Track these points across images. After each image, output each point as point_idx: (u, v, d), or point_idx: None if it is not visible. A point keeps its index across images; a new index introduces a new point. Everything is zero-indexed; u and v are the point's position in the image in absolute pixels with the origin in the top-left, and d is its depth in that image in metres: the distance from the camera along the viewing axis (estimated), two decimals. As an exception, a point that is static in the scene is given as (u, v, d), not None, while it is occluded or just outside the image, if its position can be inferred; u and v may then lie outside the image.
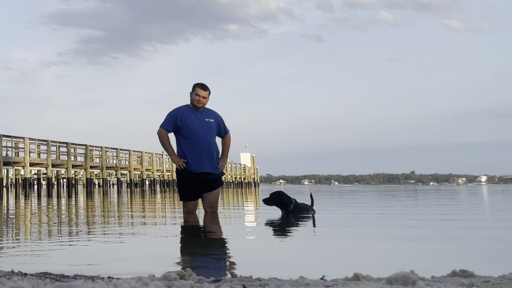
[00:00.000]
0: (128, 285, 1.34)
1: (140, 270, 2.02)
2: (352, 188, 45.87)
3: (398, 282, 1.46)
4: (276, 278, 1.70)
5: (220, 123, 5.51)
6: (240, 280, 1.63)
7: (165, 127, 5.35)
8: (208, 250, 2.65)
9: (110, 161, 33.89)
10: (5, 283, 1.35)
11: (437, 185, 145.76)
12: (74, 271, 1.88)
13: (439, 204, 9.08)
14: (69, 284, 1.34)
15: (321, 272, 1.82)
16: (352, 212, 6.68)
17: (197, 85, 5.35)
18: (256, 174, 63.88)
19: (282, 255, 2.58)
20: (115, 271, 1.98)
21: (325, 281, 1.62)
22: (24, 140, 25.22)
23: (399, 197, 12.91)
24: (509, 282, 1.50)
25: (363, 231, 3.90)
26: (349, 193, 18.26)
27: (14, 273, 1.67)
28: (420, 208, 7.81)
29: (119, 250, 2.88)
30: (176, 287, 1.42)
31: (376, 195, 14.80)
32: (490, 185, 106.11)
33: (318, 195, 13.99)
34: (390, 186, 65.91)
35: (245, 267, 2.14)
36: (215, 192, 5.44)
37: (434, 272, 1.75)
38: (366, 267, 1.96)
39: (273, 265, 2.24)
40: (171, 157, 5.44)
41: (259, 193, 20.32)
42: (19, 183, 26.03)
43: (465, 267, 1.75)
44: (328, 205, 8.36)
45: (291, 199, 5.38)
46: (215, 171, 5.37)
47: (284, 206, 5.32)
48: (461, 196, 14.41)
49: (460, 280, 1.60)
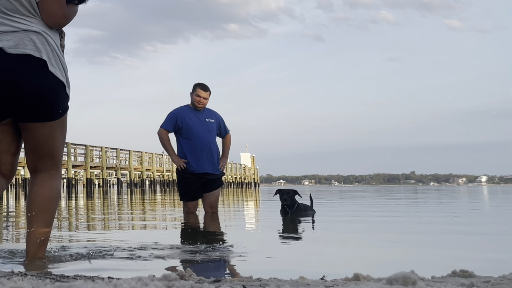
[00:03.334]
0: (128, 285, 1.34)
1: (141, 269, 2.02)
2: (352, 188, 45.90)
3: (398, 282, 1.46)
4: (276, 278, 1.70)
5: (220, 123, 5.52)
6: (240, 280, 1.63)
7: (166, 127, 5.35)
8: (208, 250, 2.65)
9: (110, 161, 33.92)
10: (5, 283, 1.35)
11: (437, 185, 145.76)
12: (74, 271, 1.88)
13: (439, 204, 9.08)
14: (69, 284, 1.34)
15: (321, 272, 1.82)
16: (352, 212, 6.68)
17: (197, 85, 5.36)
18: (256, 174, 63.90)
19: (282, 255, 2.58)
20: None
21: (325, 281, 1.62)
22: (24, 140, 25.24)
23: (399, 197, 12.91)
24: (509, 282, 1.50)
25: (363, 231, 3.90)
26: (349, 193, 18.27)
27: (14, 273, 1.67)
28: (420, 208, 7.82)
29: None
30: (176, 287, 1.42)
31: (376, 195, 14.80)
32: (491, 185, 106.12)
33: (318, 195, 13.99)
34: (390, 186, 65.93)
35: (245, 267, 2.14)
36: (215, 192, 5.44)
37: (434, 272, 1.75)
38: (366, 267, 1.96)
39: (273, 265, 2.24)
40: (171, 157, 5.44)
41: (259, 193, 20.32)
42: (19, 183, 26.06)
43: (465, 267, 1.75)
44: (328, 205, 8.37)
45: (296, 200, 5.46)
46: (216, 172, 5.37)
47: (291, 205, 5.37)
48: (461, 196, 14.42)
49: (460, 280, 1.60)
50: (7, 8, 2.07)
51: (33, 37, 2.06)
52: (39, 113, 2.10)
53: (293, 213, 5.29)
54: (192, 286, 1.43)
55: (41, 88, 2.05)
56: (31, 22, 2.09)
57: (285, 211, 5.35)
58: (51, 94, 2.08)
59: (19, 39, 2.04)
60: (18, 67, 2.02)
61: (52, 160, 2.22)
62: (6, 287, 1.32)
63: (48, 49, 2.08)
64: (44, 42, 2.08)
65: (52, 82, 2.08)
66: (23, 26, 2.06)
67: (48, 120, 2.13)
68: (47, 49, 2.08)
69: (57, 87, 2.10)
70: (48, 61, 2.06)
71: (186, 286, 1.43)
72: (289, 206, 5.34)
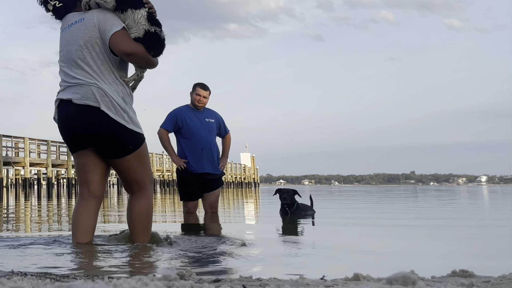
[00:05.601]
0: (128, 285, 1.34)
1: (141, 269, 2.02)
2: (352, 188, 45.88)
3: (398, 282, 1.46)
4: (276, 278, 1.70)
5: (220, 123, 5.51)
6: (240, 280, 1.63)
7: (166, 127, 5.35)
8: (208, 250, 2.65)
9: (110, 161, 33.84)
10: (5, 283, 1.35)
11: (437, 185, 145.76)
12: (74, 271, 1.88)
13: (439, 204, 9.08)
14: (69, 284, 1.34)
15: (321, 272, 1.82)
16: (352, 212, 6.68)
17: (197, 84, 5.36)
18: (256, 174, 63.88)
19: (282, 255, 2.58)
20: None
21: (325, 281, 1.62)
22: (24, 140, 25.22)
23: (399, 198, 12.91)
24: (509, 282, 1.50)
25: (363, 231, 3.90)
26: (349, 193, 18.26)
27: (14, 273, 1.67)
28: (420, 208, 7.81)
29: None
30: (176, 287, 1.42)
31: (376, 195, 14.80)
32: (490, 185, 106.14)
33: (318, 196, 13.98)
34: (390, 186, 65.93)
35: (245, 267, 2.14)
36: (215, 192, 5.44)
37: (434, 272, 1.75)
38: (366, 267, 1.96)
39: (273, 265, 2.24)
40: (171, 157, 5.44)
41: (259, 193, 20.31)
42: (19, 183, 26.02)
43: (465, 267, 1.75)
44: (328, 206, 8.37)
45: (296, 200, 5.45)
46: (216, 171, 5.37)
47: (291, 204, 5.36)
48: (461, 196, 14.41)
49: (460, 280, 1.60)
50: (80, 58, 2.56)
51: (94, 91, 2.52)
52: (107, 152, 2.58)
53: (293, 213, 5.29)
54: (192, 286, 1.43)
55: (101, 132, 2.52)
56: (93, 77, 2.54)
57: (285, 211, 5.35)
58: (111, 136, 2.52)
59: (84, 92, 2.53)
60: (82, 114, 2.51)
61: (138, 185, 2.67)
62: (6, 287, 1.31)
63: (106, 100, 2.51)
64: (103, 95, 2.52)
65: (111, 126, 2.51)
66: (89, 80, 2.54)
67: (119, 156, 2.58)
68: (105, 100, 2.51)
69: (117, 130, 2.52)
70: (106, 110, 2.50)
71: (186, 286, 1.43)
72: (288, 205, 5.34)
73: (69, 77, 2.59)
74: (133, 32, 2.57)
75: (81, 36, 2.57)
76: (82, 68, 2.56)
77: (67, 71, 2.61)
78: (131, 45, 2.54)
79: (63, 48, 2.65)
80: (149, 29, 2.58)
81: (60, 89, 2.64)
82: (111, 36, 2.53)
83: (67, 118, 2.58)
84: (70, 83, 2.58)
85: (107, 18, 2.57)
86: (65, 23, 2.69)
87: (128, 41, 2.54)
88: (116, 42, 2.52)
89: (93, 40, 2.56)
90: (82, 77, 2.55)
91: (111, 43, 2.53)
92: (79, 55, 2.56)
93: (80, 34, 2.58)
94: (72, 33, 2.62)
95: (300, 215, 5.25)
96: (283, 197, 5.36)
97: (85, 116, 2.51)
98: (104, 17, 2.58)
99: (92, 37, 2.56)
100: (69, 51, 2.60)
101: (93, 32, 2.56)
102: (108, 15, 2.58)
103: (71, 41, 2.61)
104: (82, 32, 2.58)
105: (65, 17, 2.72)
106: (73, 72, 2.57)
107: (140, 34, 2.57)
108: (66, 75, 2.61)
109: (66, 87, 2.60)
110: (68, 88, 2.59)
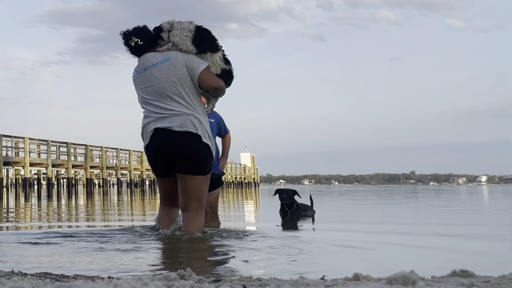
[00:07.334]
0: (128, 285, 1.34)
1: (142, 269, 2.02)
2: (352, 188, 45.89)
3: (398, 282, 1.46)
4: (276, 278, 1.70)
5: (220, 123, 5.51)
6: (240, 280, 1.63)
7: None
8: (208, 250, 2.65)
9: (110, 161, 33.89)
10: (5, 283, 1.35)
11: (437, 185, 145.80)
12: (74, 271, 1.88)
13: (438, 204, 9.08)
14: (69, 284, 1.34)
15: (321, 272, 1.82)
16: (352, 212, 6.68)
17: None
18: (256, 174, 63.87)
19: (282, 255, 2.58)
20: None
21: (325, 281, 1.62)
22: (24, 140, 25.22)
23: (399, 198, 12.91)
24: (509, 282, 1.50)
25: (363, 231, 3.90)
26: (349, 193, 18.26)
27: (14, 273, 1.67)
28: (419, 208, 7.81)
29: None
30: (176, 287, 1.42)
31: (376, 195, 14.80)
32: (490, 185, 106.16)
33: (318, 196, 13.99)
34: (390, 186, 65.96)
35: (245, 267, 2.14)
36: (215, 192, 5.44)
37: (434, 272, 1.75)
38: (366, 267, 1.96)
39: (273, 264, 2.24)
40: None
41: (259, 193, 20.31)
42: (19, 183, 26.01)
43: (465, 267, 1.75)
44: (328, 206, 8.37)
45: (296, 200, 5.45)
46: (215, 171, 5.36)
47: (291, 204, 5.36)
48: (461, 196, 14.41)
49: (460, 280, 1.60)
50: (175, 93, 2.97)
51: (192, 119, 2.98)
52: (193, 168, 3.00)
53: (293, 213, 5.28)
54: (192, 286, 1.43)
55: (196, 153, 2.98)
56: (189, 109, 2.98)
57: (285, 211, 5.34)
58: (203, 157, 3.01)
59: (182, 120, 2.97)
60: (183, 139, 2.96)
61: (198, 203, 3.07)
62: (6, 287, 1.31)
63: (201, 128, 2.99)
64: (198, 123, 2.99)
65: (205, 149, 3.00)
66: (185, 110, 2.98)
67: (198, 174, 3.02)
68: (201, 128, 2.98)
69: (208, 153, 3.03)
70: (202, 136, 2.98)
71: (186, 286, 1.43)
72: (288, 205, 5.33)
73: (162, 109, 2.99)
74: (212, 70, 3.05)
75: (172, 73, 2.98)
76: (176, 101, 2.98)
77: (158, 104, 3.00)
78: (218, 81, 3.03)
79: (153, 84, 3.00)
80: (225, 67, 3.08)
81: (151, 120, 3.02)
82: (200, 73, 2.98)
83: (166, 144, 2.97)
84: (164, 114, 2.98)
85: (192, 57, 3.03)
86: (147, 62, 3.05)
87: (215, 78, 3.03)
88: (205, 79, 2.99)
89: (185, 77, 2.98)
90: (178, 109, 2.97)
91: (200, 79, 2.99)
92: (173, 90, 2.97)
93: (171, 72, 2.98)
94: (161, 70, 2.99)
95: (300, 215, 5.24)
96: (282, 197, 5.36)
97: (185, 141, 2.94)
98: (188, 57, 3.03)
99: (183, 74, 2.98)
100: (162, 87, 2.98)
101: (183, 70, 2.98)
102: (191, 55, 3.05)
103: (162, 78, 2.99)
104: (173, 70, 2.98)
105: (145, 56, 3.09)
106: (167, 105, 2.98)
107: (218, 71, 3.06)
108: (157, 107, 3.00)
109: (159, 118, 2.99)
110: (162, 118, 2.99)
